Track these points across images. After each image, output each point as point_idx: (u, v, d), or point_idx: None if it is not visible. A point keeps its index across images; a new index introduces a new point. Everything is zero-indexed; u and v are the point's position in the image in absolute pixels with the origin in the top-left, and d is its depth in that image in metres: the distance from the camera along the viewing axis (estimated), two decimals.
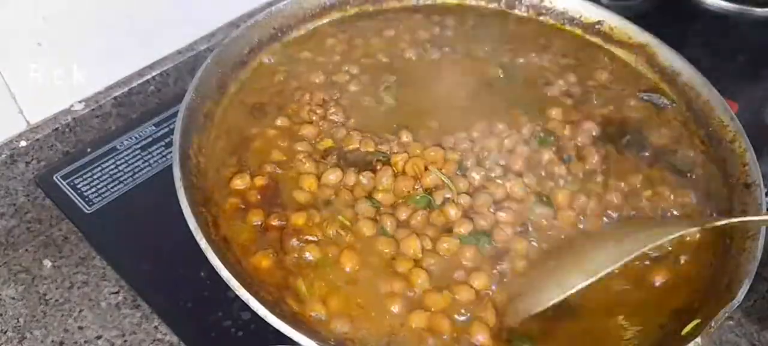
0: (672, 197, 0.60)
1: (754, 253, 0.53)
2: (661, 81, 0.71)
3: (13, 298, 0.66)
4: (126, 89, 0.76)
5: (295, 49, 0.73)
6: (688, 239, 0.57)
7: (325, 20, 0.76)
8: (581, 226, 0.58)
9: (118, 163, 0.71)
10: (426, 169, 0.60)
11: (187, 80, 0.78)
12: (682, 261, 0.56)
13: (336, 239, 0.56)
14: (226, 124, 0.65)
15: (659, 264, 0.56)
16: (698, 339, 0.48)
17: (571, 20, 0.76)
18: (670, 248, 0.56)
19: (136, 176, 0.71)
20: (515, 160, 0.62)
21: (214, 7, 0.82)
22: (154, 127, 0.75)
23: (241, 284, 0.48)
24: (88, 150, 0.72)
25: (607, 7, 0.76)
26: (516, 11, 0.79)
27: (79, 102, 0.73)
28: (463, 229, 0.57)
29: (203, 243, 0.50)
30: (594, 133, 0.65)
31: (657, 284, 0.55)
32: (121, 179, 0.70)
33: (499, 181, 0.60)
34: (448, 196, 0.59)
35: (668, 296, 0.54)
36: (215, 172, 0.60)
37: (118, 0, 0.71)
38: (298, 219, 0.56)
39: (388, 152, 0.62)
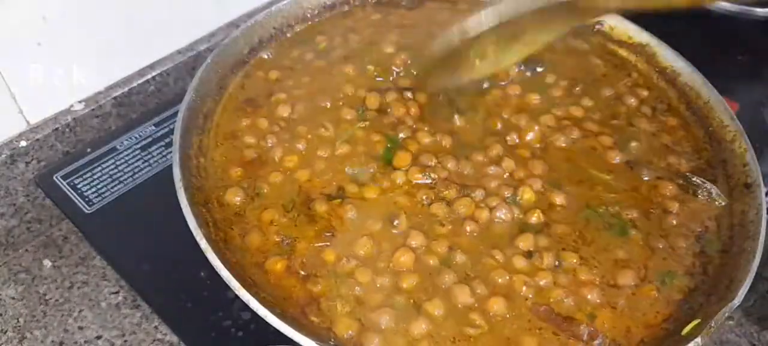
0: None
1: (754, 253, 0.53)
2: (661, 80, 0.71)
3: (13, 298, 0.66)
4: (126, 89, 0.76)
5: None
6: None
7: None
8: None
9: (118, 163, 0.71)
10: None
11: (187, 80, 0.78)
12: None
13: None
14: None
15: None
16: (698, 339, 0.48)
17: None
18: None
19: (136, 176, 0.71)
20: None
21: (214, 7, 0.82)
22: (154, 127, 0.75)
23: (241, 284, 0.48)
24: (88, 150, 0.72)
25: None
26: None
27: (79, 102, 0.73)
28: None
29: (203, 243, 0.50)
30: None
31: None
32: (121, 179, 0.70)
33: None
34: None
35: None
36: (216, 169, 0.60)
37: (118, 0, 0.71)
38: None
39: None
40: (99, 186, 0.69)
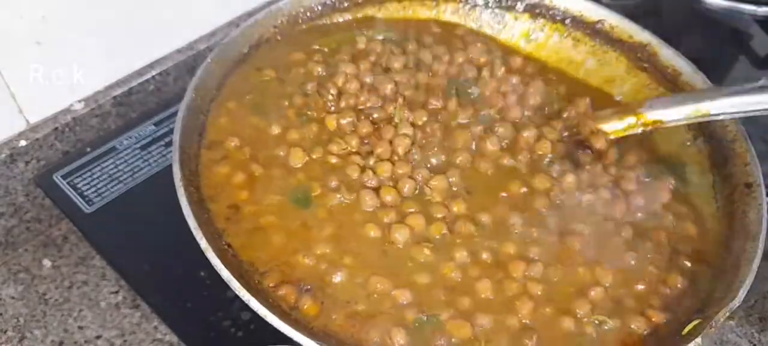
0: None
1: (755, 253, 0.53)
2: (663, 80, 0.71)
3: (13, 297, 0.66)
4: (126, 89, 0.76)
5: None
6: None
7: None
8: None
9: (118, 162, 0.71)
10: None
11: (187, 80, 0.78)
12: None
13: None
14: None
15: None
16: (699, 339, 0.48)
17: (573, 19, 0.76)
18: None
19: (136, 175, 0.71)
20: None
21: (214, 7, 0.82)
22: (153, 127, 0.75)
23: (241, 284, 0.48)
24: (88, 149, 0.72)
25: (608, 6, 0.75)
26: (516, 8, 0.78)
27: (79, 101, 0.73)
28: None
29: (203, 243, 0.50)
30: None
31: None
32: (121, 178, 0.70)
33: None
34: None
35: None
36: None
37: (117, 0, 0.71)
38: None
39: None
40: (99, 186, 0.69)
